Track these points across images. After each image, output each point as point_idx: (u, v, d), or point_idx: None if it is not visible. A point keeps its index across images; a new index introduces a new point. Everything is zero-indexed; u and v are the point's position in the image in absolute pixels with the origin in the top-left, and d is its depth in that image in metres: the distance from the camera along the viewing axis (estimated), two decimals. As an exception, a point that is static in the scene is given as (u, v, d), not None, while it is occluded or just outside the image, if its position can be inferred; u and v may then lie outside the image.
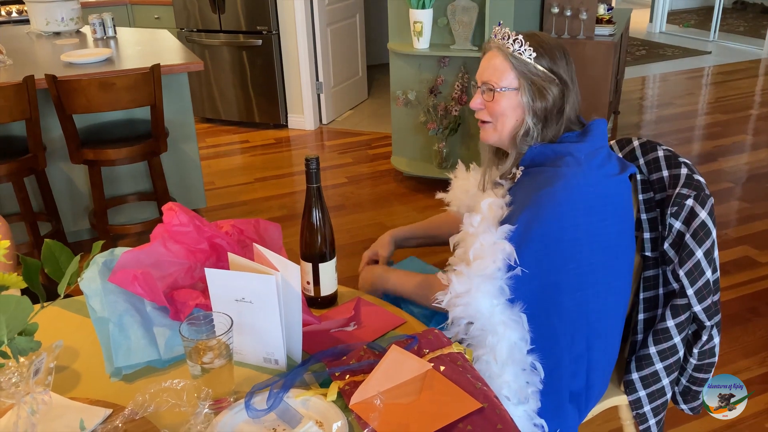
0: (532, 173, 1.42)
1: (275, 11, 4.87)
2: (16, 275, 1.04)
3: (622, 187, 1.41)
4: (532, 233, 1.33)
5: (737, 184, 4.12)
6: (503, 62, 1.40)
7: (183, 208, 1.36)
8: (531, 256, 1.33)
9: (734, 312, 2.81)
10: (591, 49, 4.16)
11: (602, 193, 1.36)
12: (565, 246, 1.34)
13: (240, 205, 3.98)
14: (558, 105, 1.40)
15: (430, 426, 1.04)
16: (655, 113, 5.55)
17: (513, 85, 1.40)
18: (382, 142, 4.89)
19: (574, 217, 1.33)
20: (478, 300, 1.33)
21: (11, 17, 5.12)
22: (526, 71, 1.39)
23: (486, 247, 1.33)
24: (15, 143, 3.00)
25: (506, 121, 1.43)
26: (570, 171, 1.34)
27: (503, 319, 1.34)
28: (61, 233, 3.20)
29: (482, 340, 1.36)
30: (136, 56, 3.46)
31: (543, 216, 1.33)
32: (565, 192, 1.33)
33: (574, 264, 1.35)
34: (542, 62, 1.39)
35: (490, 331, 1.34)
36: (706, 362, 1.55)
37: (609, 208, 1.38)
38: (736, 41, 7.97)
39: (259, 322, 1.19)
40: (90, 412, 1.10)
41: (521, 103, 1.41)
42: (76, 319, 1.39)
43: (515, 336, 1.35)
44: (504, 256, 1.32)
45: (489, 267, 1.32)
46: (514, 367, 1.36)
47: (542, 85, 1.39)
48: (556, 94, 1.39)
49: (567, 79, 1.40)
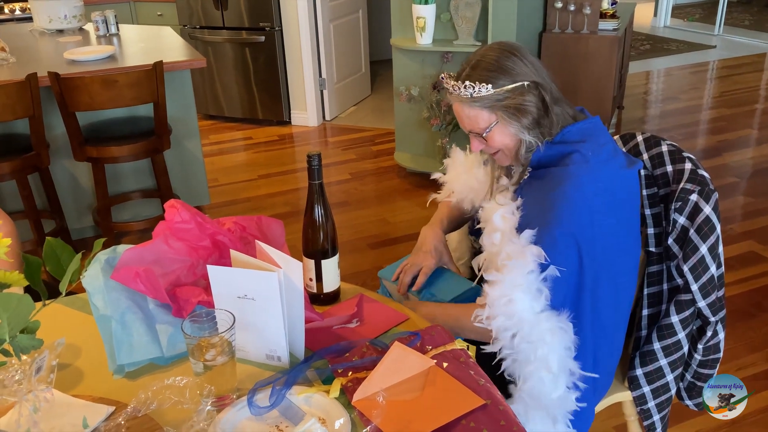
0: (539, 175, 1.41)
1: (278, 7, 4.87)
2: (17, 273, 1.04)
3: (630, 182, 1.41)
4: (553, 235, 1.32)
5: (742, 178, 4.11)
6: (470, 109, 1.38)
7: (185, 205, 1.36)
8: (558, 257, 1.32)
9: (739, 307, 2.80)
10: (595, 43, 4.14)
11: (611, 189, 1.36)
12: (584, 244, 1.33)
13: (243, 201, 3.98)
14: (542, 104, 1.38)
15: (433, 423, 1.04)
16: (660, 108, 5.53)
17: (492, 121, 1.38)
18: (385, 138, 4.89)
19: (589, 214, 1.33)
20: (517, 305, 1.30)
21: (14, 15, 5.13)
22: (494, 103, 1.36)
23: (513, 255, 1.32)
24: (18, 141, 3.00)
25: (508, 147, 1.43)
26: (578, 169, 1.33)
27: (550, 326, 1.31)
28: (64, 230, 3.20)
29: (530, 353, 1.32)
30: (138, 53, 3.46)
31: (560, 217, 1.32)
32: (577, 191, 1.32)
33: (588, 260, 1.35)
34: (501, 83, 1.35)
35: (539, 342, 1.31)
36: (710, 358, 1.54)
37: (618, 203, 1.37)
38: (741, 35, 7.93)
39: (262, 319, 1.19)
40: (93, 410, 1.10)
41: (510, 129, 1.39)
42: (78, 317, 1.39)
43: (564, 347, 1.32)
44: (533, 259, 1.30)
45: (521, 271, 1.30)
46: (565, 379, 1.34)
47: (515, 102, 1.36)
48: (535, 98, 1.37)
49: (533, 76, 1.36)
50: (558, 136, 1.40)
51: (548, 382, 1.33)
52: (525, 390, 1.35)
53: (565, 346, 1.33)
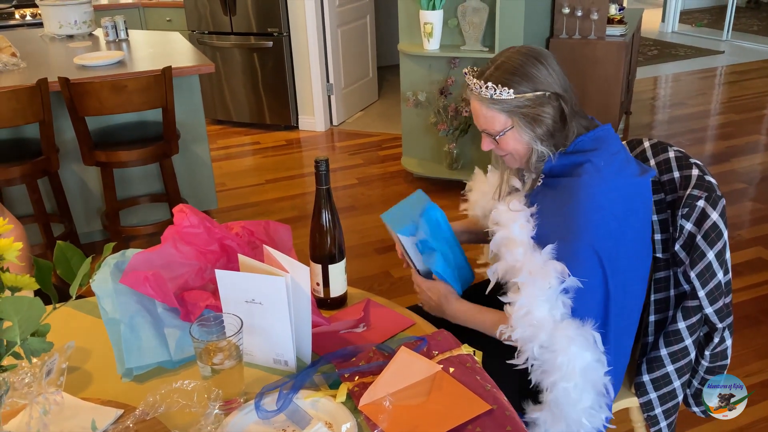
0: (552, 184, 1.41)
1: (286, 13, 4.89)
2: (28, 277, 1.04)
3: (642, 190, 1.41)
4: (573, 248, 1.32)
5: (750, 184, 4.09)
6: (488, 110, 1.37)
7: (193, 210, 1.37)
8: (579, 270, 1.31)
9: (747, 313, 2.79)
10: (602, 49, 4.14)
11: (624, 198, 1.35)
12: (604, 255, 1.33)
13: (251, 206, 3.99)
14: (559, 116, 1.37)
15: (439, 428, 1.04)
16: (668, 113, 5.52)
17: (507, 125, 1.38)
18: (392, 143, 4.89)
19: (605, 224, 1.32)
20: (535, 313, 1.30)
21: (25, 20, 5.17)
22: (512, 109, 1.35)
23: (536, 272, 1.31)
24: (28, 145, 3.03)
25: (518, 153, 1.42)
26: (591, 179, 1.33)
27: (570, 334, 1.30)
28: (73, 234, 3.22)
29: (552, 362, 1.32)
30: (147, 58, 3.48)
31: (578, 230, 1.32)
32: (591, 201, 1.32)
33: (610, 270, 1.34)
34: (522, 90, 1.34)
35: (559, 350, 1.30)
36: (718, 364, 1.54)
37: (632, 212, 1.37)
38: (749, 41, 7.91)
39: (269, 323, 1.20)
40: (101, 413, 1.11)
41: (524, 137, 1.38)
42: (87, 320, 1.40)
43: (589, 356, 1.31)
44: (555, 275, 1.30)
45: (542, 285, 1.30)
46: (593, 391, 1.32)
47: (534, 112, 1.35)
48: (553, 109, 1.36)
49: (555, 87, 1.35)
50: (571, 146, 1.39)
51: (572, 392, 1.32)
52: (551, 400, 1.35)
53: (594, 358, 1.32)
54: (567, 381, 1.31)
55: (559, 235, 1.33)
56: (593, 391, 1.34)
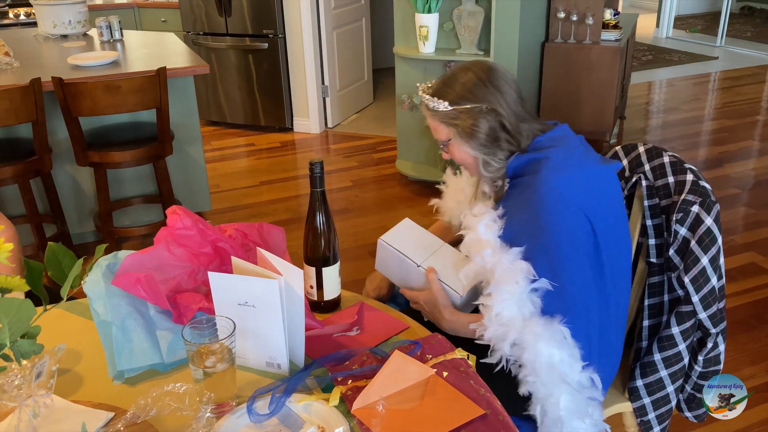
0: (517, 184, 1.44)
1: (281, 15, 4.89)
2: (19, 278, 1.04)
3: (607, 178, 1.42)
4: (542, 243, 1.33)
5: (744, 190, 4.11)
6: (432, 120, 1.47)
7: (187, 212, 1.36)
8: (546, 267, 1.32)
9: (740, 319, 2.80)
10: (597, 54, 4.16)
11: (588, 188, 1.37)
12: (575, 246, 1.34)
13: (245, 208, 3.98)
14: (497, 127, 1.41)
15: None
16: (662, 118, 5.54)
17: (448, 135, 1.46)
18: (387, 145, 4.89)
19: (572, 216, 1.34)
20: (504, 313, 1.32)
21: (19, 20, 5.15)
22: (448, 120, 1.43)
23: (504, 272, 1.33)
24: (21, 145, 3.01)
25: (466, 162, 1.49)
26: (550, 174, 1.35)
27: (537, 331, 1.31)
28: (66, 235, 3.21)
29: (522, 359, 1.33)
30: (142, 59, 3.47)
31: (544, 224, 1.34)
32: (553, 195, 1.34)
33: (586, 261, 1.35)
34: (459, 103, 1.41)
35: (527, 347, 1.31)
36: (711, 369, 1.54)
37: (599, 200, 1.38)
38: (743, 47, 7.95)
39: (262, 326, 1.19)
40: (92, 416, 1.10)
41: (463, 147, 1.45)
42: (78, 322, 1.40)
43: (560, 353, 1.31)
44: (523, 276, 1.32)
45: (512, 288, 1.32)
46: (566, 386, 1.32)
47: (467, 124, 1.41)
48: (488, 122, 1.41)
49: (493, 101, 1.41)
50: (529, 147, 1.43)
51: (541, 388, 1.32)
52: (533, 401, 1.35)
53: (566, 354, 1.32)
54: (535, 376, 1.32)
55: (528, 233, 1.35)
56: (566, 386, 1.32)
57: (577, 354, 1.33)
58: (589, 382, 1.35)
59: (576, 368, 1.33)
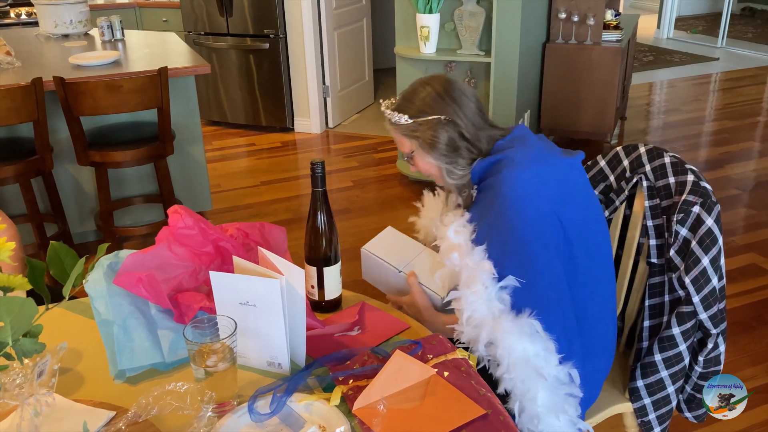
0: (483, 188, 1.46)
1: (282, 15, 4.89)
2: (21, 277, 1.04)
3: (572, 168, 1.43)
4: (505, 244, 1.35)
5: (744, 191, 4.11)
6: (395, 134, 1.51)
7: (188, 211, 1.37)
8: (514, 264, 1.34)
9: (740, 320, 2.80)
10: (598, 54, 4.16)
11: (552, 181, 1.37)
12: (546, 239, 1.35)
13: (246, 208, 3.98)
14: (456, 136, 1.44)
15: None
16: (662, 119, 5.54)
17: (411, 147, 1.49)
18: (388, 146, 4.89)
19: (538, 210, 1.35)
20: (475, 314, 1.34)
21: (20, 19, 5.15)
22: (409, 133, 1.47)
23: (471, 274, 1.36)
24: (22, 144, 3.01)
25: (430, 172, 1.52)
26: (510, 172, 1.36)
27: (506, 327, 1.32)
28: (67, 234, 3.21)
29: (496, 357, 1.34)
30: (143, 59, 3.47)
31: (510, 223, 1.35)
32: (515, 191, 1.35)
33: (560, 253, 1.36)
34: (418, 116, 1.45)
35: (498, 344, 1.32)
36: (711, 370, 1.54)
37: (566, 193, 1.39)
38: (744, 48, 7.95)
39: (263, 325, 1.19)
40: (93, 414, 1.10)
41: (426, 158, 1.48)
42: (80, 321, 1.40)
43: (533, 347, 1.32)
44: (487, 275, 1.34)
45: (480, 289, 1.34)
46: (542, 381, 1.32)
47: (427, 135, 1.44)
48: (447, 133, 1.44)
49: (449, 111, 1.44)
50: (491, 151, 1.46)
51: (519, 384, 1.33)
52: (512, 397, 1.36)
53: (540, 347, 1.32)
54: (510, 372, 1.33)
55: (496, 232, 1.36)
56: (543, 381, 1.32)
57: (551, 347, 1.33)
58: (567, 377, 1.34)
59: (552, 362, 1.33)
